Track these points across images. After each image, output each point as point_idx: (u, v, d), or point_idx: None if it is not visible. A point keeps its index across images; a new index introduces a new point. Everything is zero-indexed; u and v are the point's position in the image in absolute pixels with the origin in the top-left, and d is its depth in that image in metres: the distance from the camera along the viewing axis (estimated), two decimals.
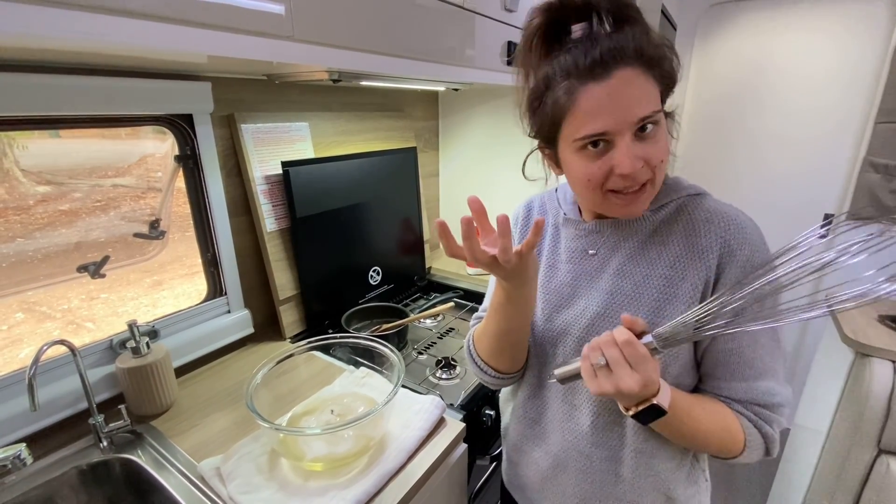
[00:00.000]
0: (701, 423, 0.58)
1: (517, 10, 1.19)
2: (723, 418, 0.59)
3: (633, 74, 0.52)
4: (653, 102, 0.53)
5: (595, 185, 0.56)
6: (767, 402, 0.59)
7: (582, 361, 0.54)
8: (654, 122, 0.53)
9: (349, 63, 0.80)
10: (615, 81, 0.51)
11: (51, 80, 0.73)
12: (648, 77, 0.52)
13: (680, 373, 0.61)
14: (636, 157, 0.53)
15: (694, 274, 0.57)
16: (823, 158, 1.94)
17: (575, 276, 0.67)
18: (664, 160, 0.55)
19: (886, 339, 1.13)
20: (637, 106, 0.52)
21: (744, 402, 0.59)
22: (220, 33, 0.59)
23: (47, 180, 0.96)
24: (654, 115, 0.52)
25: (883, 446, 1.10)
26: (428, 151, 1.72)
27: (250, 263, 1.15)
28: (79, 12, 0.47)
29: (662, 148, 0.55)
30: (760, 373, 0.59)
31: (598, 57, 0.51)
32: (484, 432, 1.00)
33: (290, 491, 0.69)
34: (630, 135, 0.53)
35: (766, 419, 0.59)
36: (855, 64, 1.81)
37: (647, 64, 0.52)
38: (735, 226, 0.57)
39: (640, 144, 0.53)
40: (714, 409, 0.59)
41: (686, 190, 0.62)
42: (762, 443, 0.60)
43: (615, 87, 0.51)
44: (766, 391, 0.59)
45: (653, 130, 0.53)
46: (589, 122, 0.53)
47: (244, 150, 1.07)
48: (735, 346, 0.58)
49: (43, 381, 0.81)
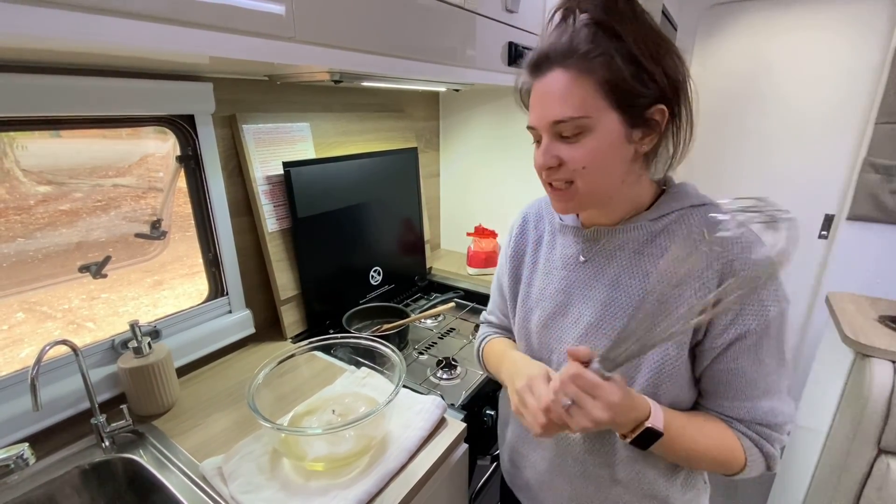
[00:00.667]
0: (698, 444, 0.57)
1: (518, 11, 1.19)
2: (721, 438, 0.58)
3: (563, 77, 0.53)
4: (575, 108, 0.52)
5: (539, 174, 0.60)
6: (770, 421, 0.58)
7: (554, 407, 0.54)
8: (574, 127, 0.53)
9: (350, 64, 0.80)
10: (546, 81, 0.54)
11: (52, 81, 0.73)
12: (585, 81, 0.52)
13: (677, 392, 0.60)
14: (550, 156, 0.55)
15: (691, 294, 0.55)
16: (824, 159, 1.94)
17: (569, 283, 0.66)
18: (588, 166, 0.54)
19: (886, 340, 1.13)
20: (554, 108, 0.53)
21: (746, 421, 0.58)
22: (221, 34, 0.59)
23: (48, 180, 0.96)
24: (571, 121, 0.52)
25: (883, 446, 1.10)
26: (429, 152, 1.72)
27: (251, 263, 1.15)
28: (80, 14, 0.47)
29: (584, 153, 0.54)
30: (764, 392, 0.57)
31: (539, 55, 0.55)
32: (485, 432, 1.00)
33: (292, 491, 0.69)
34: (549, 133, 0.55)
35: (769, 438, 0.58)
36: (855, 64, 1.81)
37: (586, 67, 0.51)
38: (738, 244, 0.55)
39: (558, 144, 0.55)
40: (712, 428, 0.59)
41: (690, 200, 0.60)
42: (763, 461, 0.59)
43: (544, 86, 0.55)
44: (769, 411, 0.58)
45: (575, 136, 0.54)
46: (530, 115, 0.58)
47: (245, 150, 1.07)
48: (737, 365, 0.56)
49: (45, 381, 0.81)
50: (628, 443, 0.55)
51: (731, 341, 0.55)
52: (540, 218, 0.75)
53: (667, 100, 0.54)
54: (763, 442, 0.58)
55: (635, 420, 0.54)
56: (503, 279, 0.78)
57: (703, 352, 0.58)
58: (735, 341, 0.55)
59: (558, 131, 0.54)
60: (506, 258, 0.78)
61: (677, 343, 0.57)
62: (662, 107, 0.54)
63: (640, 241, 0.61)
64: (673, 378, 0.58)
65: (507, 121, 1.58)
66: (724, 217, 0.53)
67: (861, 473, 1.13)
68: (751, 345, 0.55)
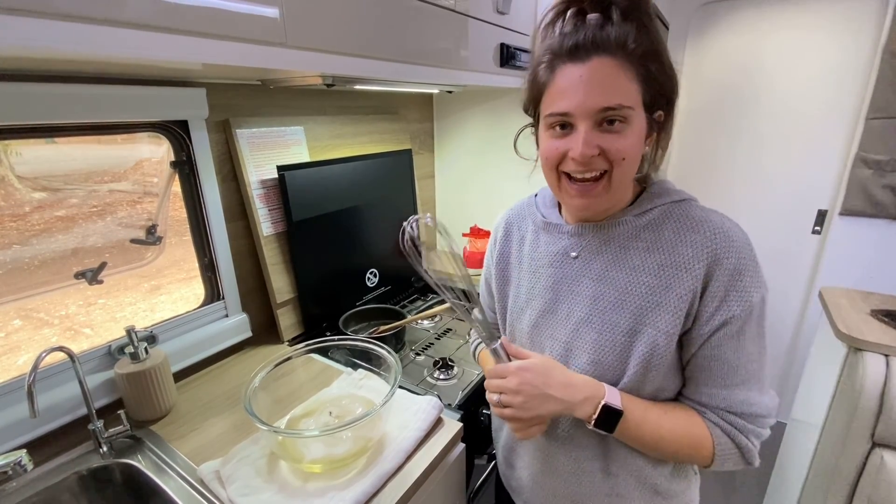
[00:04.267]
0: (662, 427, 0.59)
1: (509, 13, 1.19)
2: (687, 424, 0.59)
3: (610, 64, 0.52)
4: (623, 97, 0.53)
5: (552, 165, 0.59)
6: (743, 411, 0.58)
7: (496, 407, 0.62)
8: (621, 116, 0.53)
9: (343, 68, 0.80)
10: (590, 66, 0.53)
11: (45, 89, 0.74)
12: (628, 73, 0.53)
13: (662, 380, 0.61)
14: (592, 145, 0.54)
15: (679, 284, 0.57)
16: (816, 155, 1.95)
17: (556, 279, 0.67)
18: (627, 158, 0.55)
19: (879, 334, 1.14)
20: (604, 94, 0.52)
21: (718, 409, 0.59)
22: (214, 41, 0.60)
23: (43, 186, 0.96)
24: (621, 109, 0.53)
25: (877, 439, 1.11)
26: (423, 153, 1.73)
27: (247, 267, 1.15)
28: (76, 24, 0.47)
29: (628, 145, 0.54)
30: (742, 381, 0.58)
31: (582, 40, 0.53)
32: (482, 432, 1.00)
33: (290, 493, 0.70)
34: (591, 121, 0.54)
35: (742, 429, 0.59)
36: (846, 60, 1.82)
37: (629, 59, 0.52)
38: (721, 234, 0.57)
39: (601, 134, 0.54)
40: (677, 414, 0.60)
41: (671, 196, 0.62)
42: (737, 453, 0.59)
43: (589, 71, 0.53)
44: (742, 401, 0.58)
45: (619, 125, 0.54)
46: (558, 100, 0.55)
47: (240, 154, 1.07)
48: (720, 352, 0.57)
49: (42, 388, 0.81)
50: (593, 426, 0.58)
51: (717, 328, 0.56)
52: (522, 218, 0.75)
53: (670, 104, 0.57)
54: (735, 433, 0.59)
55: (587, 400, 0.58)
56: (491, 282, 0.79)
57: (690, 340, 0.59)
58: (720, 327, 0.56)
59: (603, 118, 0.53)
60: (492, 261, 0.78)
61: (666, 332, 0.58)
62: (662, 111, 0.57)
63: (625, 237, 0.62)
64: (660, 367, 0.59)
65: (501, 121, 1.59)
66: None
67: (856, 466, 1.14)
68: (735, 331, 0.56)
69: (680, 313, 0.57)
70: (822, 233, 1.98)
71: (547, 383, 0.58)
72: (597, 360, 0.61)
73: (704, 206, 0.62)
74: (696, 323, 0.58)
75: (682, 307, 0.57)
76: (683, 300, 0.57)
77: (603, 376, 0.61)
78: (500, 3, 1.15)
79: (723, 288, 0.56)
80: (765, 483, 1.68)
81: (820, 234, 2.00)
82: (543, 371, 0.59)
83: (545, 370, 0.59)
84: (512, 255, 0.75)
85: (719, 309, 0.56)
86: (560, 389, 0.58)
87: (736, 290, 0.56)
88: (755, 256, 0.57)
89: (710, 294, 0.56)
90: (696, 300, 0.57)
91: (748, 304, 0.56)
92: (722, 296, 0.56)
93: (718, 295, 0.56)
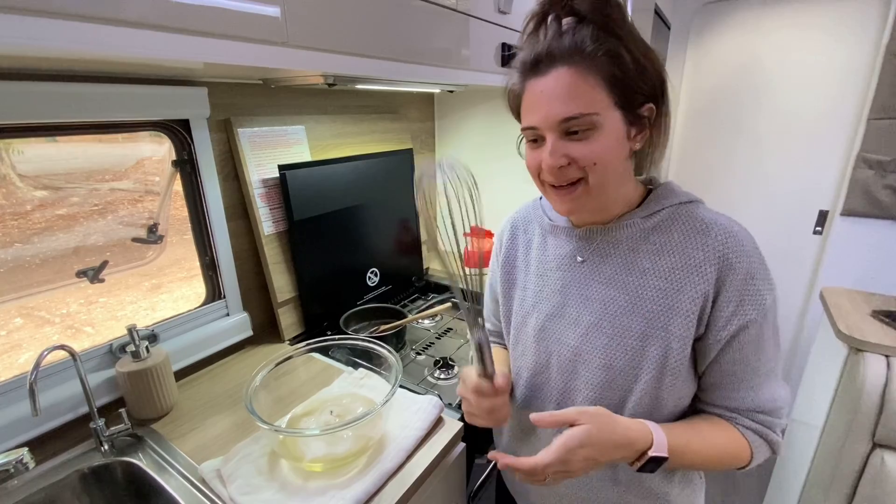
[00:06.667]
0: (703, 454, 0.59)
1: (511, 13, 1.19)
2: (726, 441, 0.59)
3: (568, 74, 0.52)
4: (585, 104, 0.52)
5: (534, 175, 0.61)
6: (772, 408, 0.59)
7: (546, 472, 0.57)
8: (584, 124, 0.53)
9: (344, 67, 0.80)
10: (550, 79, 0.53)
11: (47, 88, 0.74)
12: (590, 78, 0.52)
13: (680, 386, 0.60)
14: (558, 155, 0.55)
15: (691, 287, 0.57)
16: (817, 155, 1.95)
17: (564, 283, 0.66)
18: (599, 163, 0.55)
19: (880, 334, 1.14)
20: (563, 105, 0.53)
21: (749, 411, 0.60)
22: (216, 41, 0.60)
23: (44, 185, 0.96)
24: (582, 117, 0.52)
25: (877, 440, 1.11)
26: (424, 153, 1.72)
27: (248, 266, 1.15)
28: (77, 23, 0.47)
29: (598, 149, 0.54)
30: (765, 378, 0.59)
31: (541, 53, 0.54)
32: (482, 431, 1.00)
33: (291, 491, 0.70)
34: (556, 133, 0.55)
35: (771, 426, 0.60)
36: (848, 60, 1.82)
37: (589, 64, 0.52)
38: (732, 238, 0.56)
39: (568, 143, 0.55)
40: (716, 434, 0.60)
41: (678, 197, 0.61)
42: (768, 447, 0.61)
43: (548, 84, 0.54)
44: (769, 398, 0.59)
45: (586, 132, 0.53)
46: (527, 115, 0.57)
47: (241, 154, 1.07)
48: (742, 355, 0.57)
49: (44, 386, 0.81)
50: (637, 470, 0.56)
51: (735, 333, 0.56)
52: (528, 222, 0.75)
53: (655, 98, 0.56)
54: (766, 431, 0.60)
55: (637, 452, 0.55)
56: (496, 287, 0.79)
57: (707, 346, 0.58)
58: (739, 332, 0.56)
59: (566, 129, 0.54)
60: (498, 265, 0.78)
61: (679, 336, 0.57)
62: (652, 105, 0.56)
63: (634, 239, 0.61)
64: (675, 373, 0.59)
65: (502, 121, 1.59)
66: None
67: (856, 467, 1.14)
68: (755, 334, 0.57)
69: (692, 317, 0.57)
70: (824, 233, 1.98)
71: (603, 453, 0.55)
72: (608, 365, 0.61)
73: (711, 208, 0.62)
74: (712, 328, 0.57)
75: (695, 311, 0.56)
76: (695, 303, 0.56)
77: (614, 381, 0.61)
78: (502, 3, 1.15)
79: (737, 293, 0.55)
80: (765, 483, 1.68)
81: (821, 234, 2.00)
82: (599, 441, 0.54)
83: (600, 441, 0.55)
84: (518, 258, 0.74)
85: (735, 314, 0.56)
86: (614, 452, 0.55)
87: (750, 295, 0.55)
88: (763, 258, 0.57)
89: (724, 299, 0.56)
90: (707, 304, 0.56)
91: (763, 307, 0.56)
92: (737, 301, 0.55)
93: (734, 300, 0.55)
